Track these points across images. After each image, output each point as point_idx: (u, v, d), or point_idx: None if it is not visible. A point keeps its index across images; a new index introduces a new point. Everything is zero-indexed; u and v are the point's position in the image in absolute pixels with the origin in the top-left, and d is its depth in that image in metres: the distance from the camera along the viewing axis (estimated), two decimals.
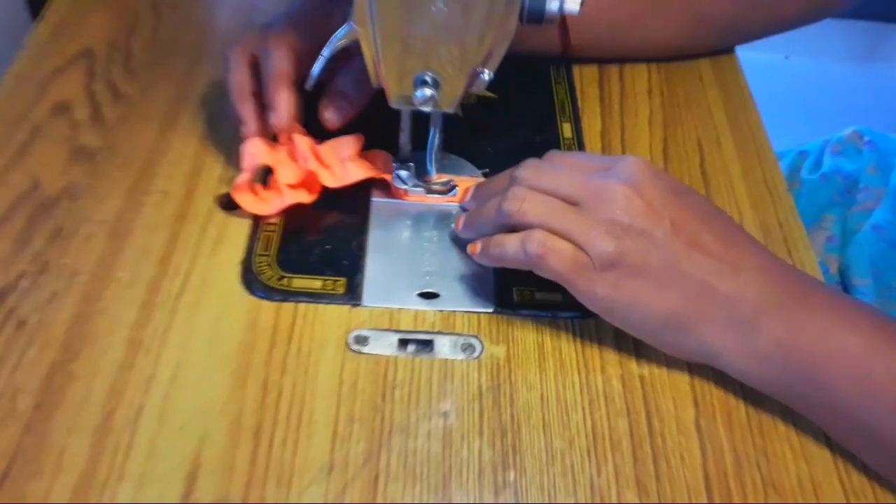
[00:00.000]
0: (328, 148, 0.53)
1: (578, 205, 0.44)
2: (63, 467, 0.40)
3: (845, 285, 0.68)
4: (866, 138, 0.75)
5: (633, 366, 0.47)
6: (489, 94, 0.49)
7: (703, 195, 0.47)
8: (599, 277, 0.43)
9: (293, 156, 0.52)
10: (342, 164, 0.53)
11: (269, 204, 0.52)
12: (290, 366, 0.45)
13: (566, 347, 0.48)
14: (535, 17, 0.44)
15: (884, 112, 1.52)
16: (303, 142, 0.52)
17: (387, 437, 0.43)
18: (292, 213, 0.53)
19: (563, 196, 0.44)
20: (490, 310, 0.49)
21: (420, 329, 0.48)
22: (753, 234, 0.55)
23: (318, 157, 0.52)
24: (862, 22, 1.63)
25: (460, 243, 0.52)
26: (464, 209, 0.53)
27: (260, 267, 0.50)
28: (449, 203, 0.55)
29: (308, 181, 0.52)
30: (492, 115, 0.61)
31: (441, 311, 0.49)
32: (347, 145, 0.53)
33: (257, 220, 0.52)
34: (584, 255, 0.43)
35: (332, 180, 0.52)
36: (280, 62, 0.50)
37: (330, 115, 0.53)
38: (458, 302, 0.49)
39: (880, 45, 1.69)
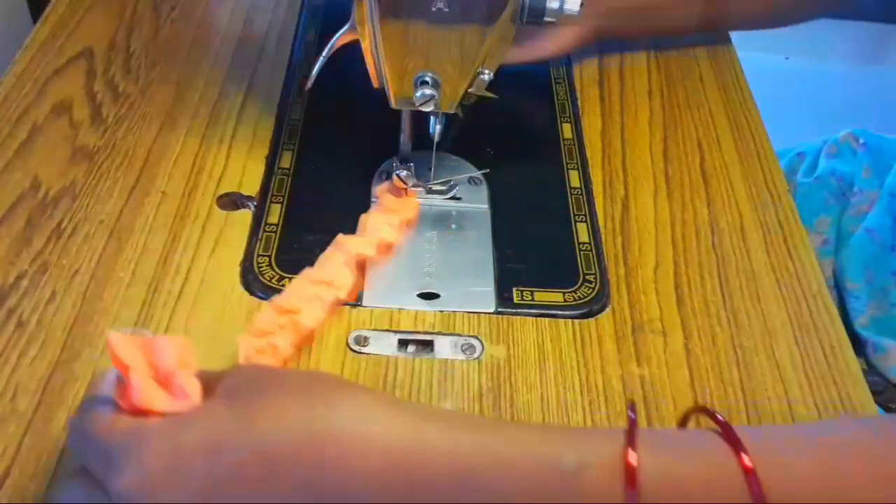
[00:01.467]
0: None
1: None
2: (64, 467, 0.40)
3: (839, 288, 0.68)
4: (861, 140, 0.75)
5: (633, 366, 0.47)
6: (489, 94, 0.49)
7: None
8: None
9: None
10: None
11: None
12: (291, 366, 0.45)
13: (566, 348, 0.47)
14: (535, 16, 0.44)
15: (884, 113, 1.52)
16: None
17: None
18: (292, 214, 0.53)
19: None
20: (490, 310, 0.49)
21: (420, 330, 0.48)
22: (754, 235, 0.55)
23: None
24: (862, 23, 1.63)
25: (461, 243, 0.52)
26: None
27: (260, 267, 0.50)
28: (449, 203, 0.55)
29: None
30: (492, 115, 0.61)
31: (441, 311, 0.49)
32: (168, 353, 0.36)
33: (258, 220, 0.52)
34: None
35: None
36: None
37: None
38: (458, 302, 0.49)
39: (881, 47, 1.69)
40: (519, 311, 0.49)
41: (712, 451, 0.33)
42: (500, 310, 0.49)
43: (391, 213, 0.51)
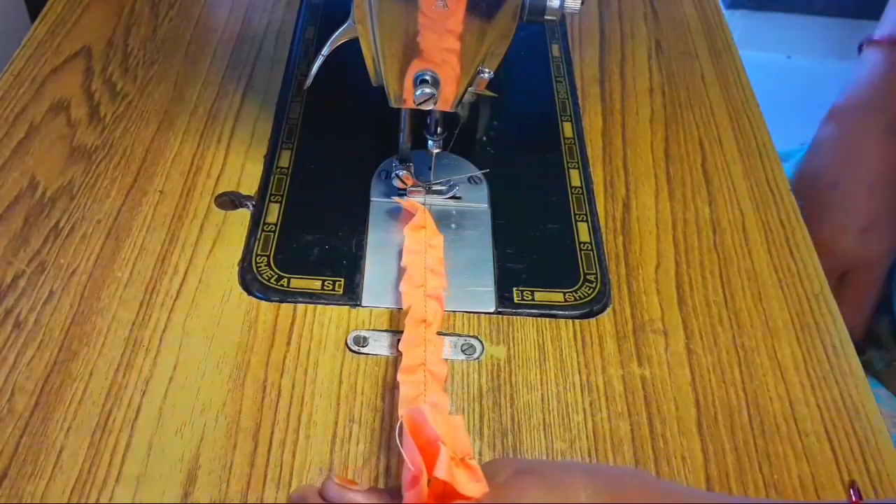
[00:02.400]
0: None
1: None
2: (61, 467, 0.40)
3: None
4: None
5: (635, 366, 0.47)
6: (489, 92, 0.49)
7: None
8: None
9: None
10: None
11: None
12: (290, 366, 0.45)
13: (567, 348, 0.47)
14: (535, 14, 0.44)
15: None
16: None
17: (386, 439, 0.42)
18: (291, 213, 0.53)
19: None
20: (490, 310, 0.49)
21: None
22: (755, 235, 0.55)
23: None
24: (865, 21, 1.63)
25: (461, 242, 0.52)
26: None
27: (259, 267, 0.49)
28: (449, 202, 0.55)
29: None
30: (492, 114, 0.61)
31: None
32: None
33: (256, 220, 0.52)
34: None
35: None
36: None
37: None
38: (458, 302, 0.49)
39: None
40: (519, 311, 0.49)
41: None
42: (500, 310, 0.49)
43: (424, 231, 0.50)
